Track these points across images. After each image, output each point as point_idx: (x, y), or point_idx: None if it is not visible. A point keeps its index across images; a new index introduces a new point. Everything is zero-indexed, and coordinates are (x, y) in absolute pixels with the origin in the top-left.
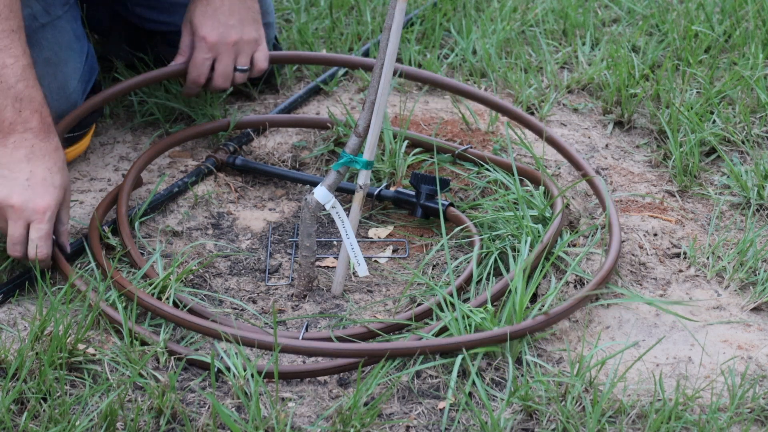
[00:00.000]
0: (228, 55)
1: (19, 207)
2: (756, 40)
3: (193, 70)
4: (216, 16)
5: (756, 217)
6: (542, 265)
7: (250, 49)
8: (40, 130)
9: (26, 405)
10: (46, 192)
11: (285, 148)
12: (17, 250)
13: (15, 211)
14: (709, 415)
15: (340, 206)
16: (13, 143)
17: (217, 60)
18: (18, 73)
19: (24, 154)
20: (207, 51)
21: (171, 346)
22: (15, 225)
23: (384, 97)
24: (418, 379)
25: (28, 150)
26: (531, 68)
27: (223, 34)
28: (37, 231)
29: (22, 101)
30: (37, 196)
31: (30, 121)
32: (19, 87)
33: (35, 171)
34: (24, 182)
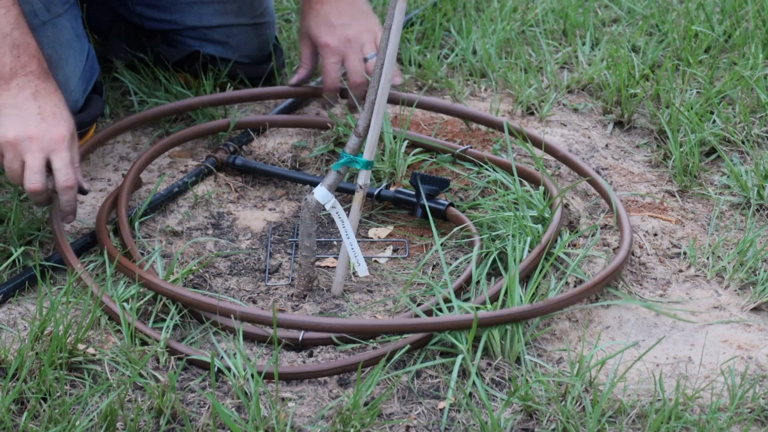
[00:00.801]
0: (351, 51)
1: (36, 137)
2: (756, 40)
3: (327, 78)
4: (328, 21)
5: (756, 217)
6: (542, 265)
7: (369, 38)
8: (41, 73)
9: (26, 405)
10: (59, 123)
11: (285, 148)
12: (37, 180)
13: (33, 142)
14: (709, 415)
15: (340, 206)
16: (16, 86)
17: (345, 59)
18: (12, 21)
19: (30, 93)
20: (333, 55)
21: (171, 346)
22: (34, 156)
23: (384, 97)
24: (418, 379)
25: (33, 90)
26: (531, 68)
27: (339, 35)
28: (60, 159)
29: (19, 47)
30: (52, 126)
31: (29, 65)
32: (15, 34)
33: (44, 106)
34: (36, 116)
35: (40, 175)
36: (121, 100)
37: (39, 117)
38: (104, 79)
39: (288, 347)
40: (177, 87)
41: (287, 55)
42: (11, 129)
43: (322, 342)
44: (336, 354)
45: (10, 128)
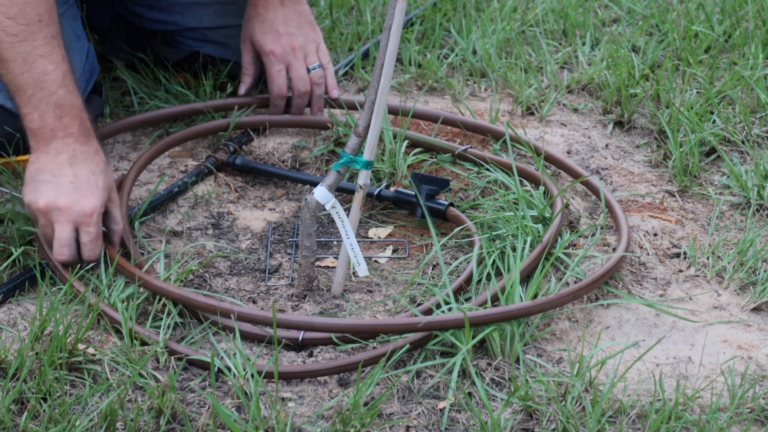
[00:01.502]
0: (296, 60)
1: (66, 209)
2: (756, 40)
3: (274, 86)
4: (274, 28)
5: (756, 217)
6: (542, 265)
7: (313, 48)
8: (81, 135)
9: (26, 405)
10: (91, 194)
11: (285, 148)
12: (65, 253)
13: (62, 214)
14: (709, 415)
15: (340, 206)
16: (54, 149)
17: (289, 68)
18: (59, 79)
19: (66, 159)
20: (278, 63)
21: (171, 346)
22: (63, 227)
23: (384, 97)
24: (418, 379)
25: (70, 154)
26: (531, 68)
27: (285, 43)
28: (87, 234)
29: (63, 107)
30: (83, 197)
31: (71, 126)
32: (60, 93)
33: (79, 174)
34: (69, 185)
35: (68, 248)
36: (121, 100)
37: (72, 186)
38: (104, 79)
39: (288, 347)
40: (177, 87)
41: None
42: (43, 197)
43: (322, 342)
44: (336, 354)
45: (42, 196)
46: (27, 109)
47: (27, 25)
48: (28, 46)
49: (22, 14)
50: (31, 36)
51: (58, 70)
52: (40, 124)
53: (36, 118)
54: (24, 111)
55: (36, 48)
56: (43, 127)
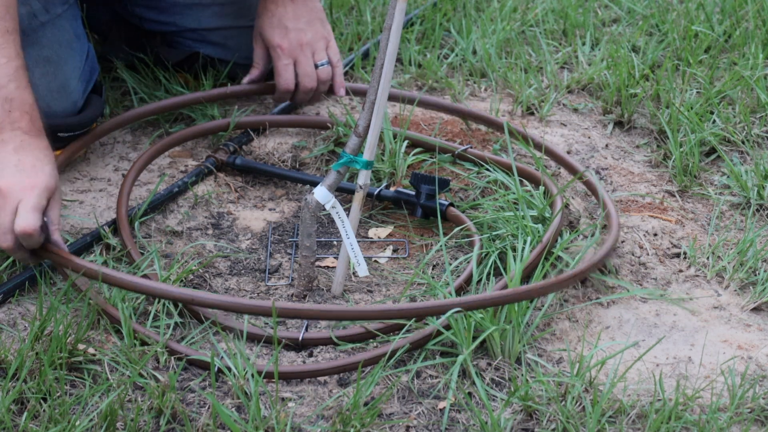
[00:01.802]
0: (304, 55)
1: (6, 190)
2: (756, 40)
3: (281, 80)
4: (282, 23)
5: (756, 217)
6: (542, 264)
7: (322, 45)
8: (30, 130)
9: (26, 405)
10: (35, 174)
11: (285, 148)
12: (8, 240)
13: (2, 195)
14: (709, 415)
15: (340, 206)
16: (1, 140)
17: (296, 63)
18: (10, 73)
19: (12, 147)
20: (285, 57)
21: (171, 346)
22: (3, 211)
23: (384, 97)
24: (418, 379)
25: (17, 144)
26: (531, 68)
27: (293, 38)
28: (23, 205)
29: (12, 101)
30: (26, 177)
31: (20, 121)
32: (10, 87)
33: (24, 159)
34: (12, 168)
35: (10, 234)
36: (121, 100)
37: (15, 168)
38: (104, 79)
39: (288, 347)
40: (177, 87)
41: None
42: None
43: (322, 342)
44: (336, 354)
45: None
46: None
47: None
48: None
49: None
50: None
51: (10, 64)
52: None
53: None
54: None
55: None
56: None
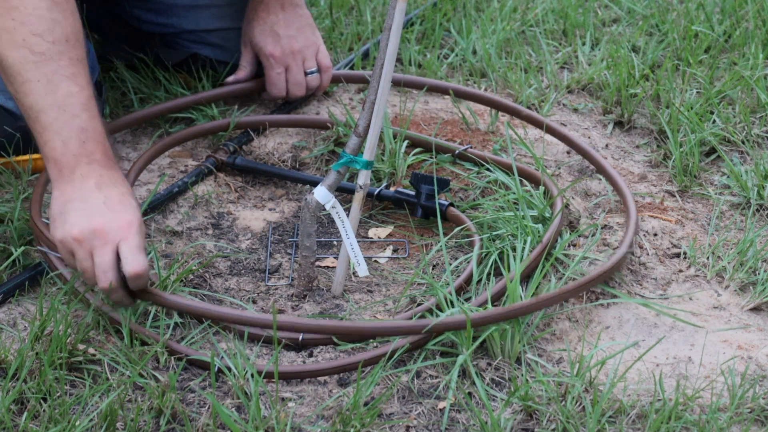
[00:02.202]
0: (295, 63)
1: (102, 229)
2: (756, 40)
3: (273, 88)
4: (274, 31)
5: (756, 217)
6: (542, 265)
7: (312, 51)
8: (105, 162)
9: (26, 405)
10: (126, 210)
11: (285, 148)
12: (108, 278)
13: (99, 235)
14: (709, 415)
15: (340, 206)
16: (80, 176)
17: (287, 71)
18: (83, 102)
19: (94, 183)
20: (278, 66)
21: (171, 346)
22: (103, 251)
23: (384, 97)
24: (418, 379)
25: (97, 179)
26: (531, 68)
27: (285, 46)
28: (126, 246)
29: (86, 132)
30: (118, 214)
31: (95, 152)
32: (83, 117)
33: (109, 195)
34: (101, 206)
35: (112, 271)
36: (121, 100)
37: (104, 206)
38: (104, 79)
39: (288, 347)
40: (177, 87)
41: None
42: (76, 225)
43: (322, 342)
44: (336, 354)
45: (74, 224)
46: (48, 134)
47: (53, 43)
48: (53, 66)
49: (50, 32)
50: (57, 55)
51: (83, 93)
52: (63, 151)
53: (58, 144)
54: (44, 137)
55: (62, 68)
56: (66, 154)
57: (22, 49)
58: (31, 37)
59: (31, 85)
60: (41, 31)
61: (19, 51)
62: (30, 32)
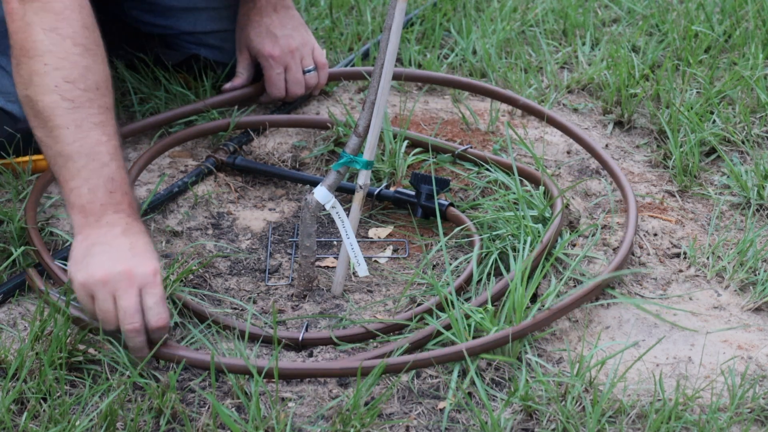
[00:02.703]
0: (294, 62)
1: (128, 272)
2: (756, 40)
3: (273, 89)
4: (271, 32)
5: (756, 217)
6: (542, 265)
7: (308, 50)
8: (131, 212)
9: (26, 405)
10: (151, 257)
11: (285, 148)
12: (136, 321)
13: (125, 278)
14: (709, 415)
15: (340, 206)
16: (107, 223)
17: (287, 70)
18: (111, 152)
19: (120, 230)
20: (277, 66)
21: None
22: (128, 293)
23: (384, 97)
24: (418, 379)
25: (124, 227)
26: (531, 68)
27: (283, 45)
28: (152, 296)
29: (114, 182)
30: (144, 260)
31: (122, 203)
32: (112, 166)
33: (135, 242)
34: (127, 251)
35: (139, 314)
36: (121, 100)
37: (130, 252)
38: None
39: (288, 347)
40: (177, 87)
41: None
42: (100, 267)
43: (322, 342)
44: (336, 354)
45: (99, 266)
46: (76, 182)
47: (85, 90)
48: (83, 113)
49: (82, 79)
50: (87, 103)
51: (110, 142)
52: (90, 199)
53: (85, 192)
54: (71, 184)
55: (91, 116)
56: (93, 202)
57: (53, 95)
58: (63, 84)
59: (61, 131)
60: (74, 77)
61: (50, 96)
62: (62, 78)
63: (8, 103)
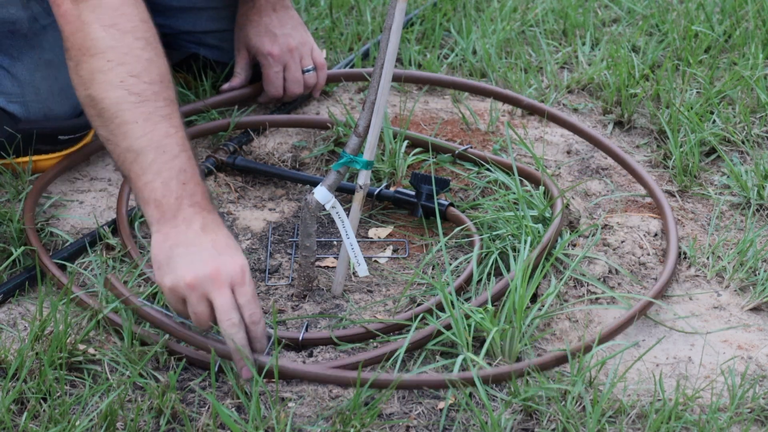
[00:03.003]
0: (293, 61)
1: (216, 273)
2: (756, 40)
3: (271, 87)
4: (270, 30)
5: (756, 217)
6: (542, 265)
7: (307, 50)
8: (206, 204)
9: (26, 405)
10: (235, 253)
11: (285, 148)
12: (235, 317)
13: (214, 279)
14: (709, 415)
15: (340, 206)
16: (183, 220)
17: (285, 69)
18: (180, 142)
19: (199, 227)
20: (276, 65)
21: (171, 346)
22: (220, 292)
23: (384, 97)
24: None
25: (201, 222)
26: (531, 68)
27: (282, 44)
28: (244, 294)
29: (186, 173)
30: (229, 257)
31: (195, 194)
32: (182, 157)
33: (216, 239)
34: (210, 249)
35: (235, 311)
36: None
37: (214, 249)
38: None
39: (288, 347)
40: (176, 87)
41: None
42: (188, 270)
43: (322, 342)
44: (336, 354)
45: (187, 270)
46: (148, 176)
47: (150, 83)
48: (150, 107)
49: (147, 72)
50: (153, 96)
51: (179, 133)
52: (164, 192)
53: (158, 186)
54: (143, 180)
55: (158, 109)
56: (168, 195)
57: (120, 90)
58: (129, 78)
59: (129, 126)
60: (138, 71)
61: (116, 92)
62: (127, 73)
63: (9, 103)
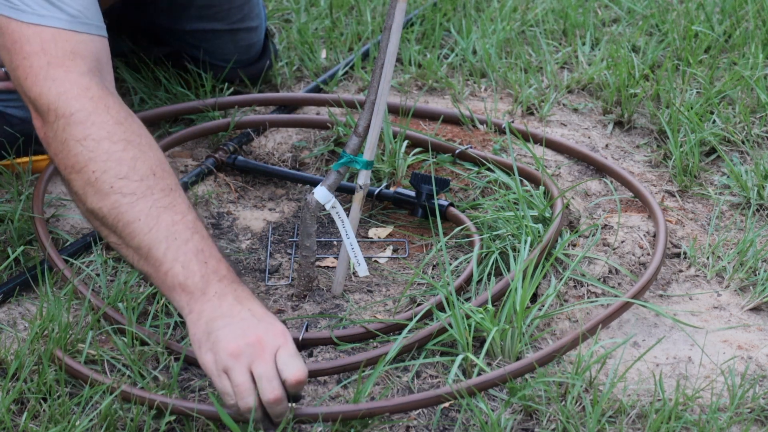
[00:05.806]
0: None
1: (259, 340)
2: (756, 40)
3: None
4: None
5: (756, 217)
6: (542, 265)
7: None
8: (234, 277)
9: (26, 405)
10: (274, 320)
11: (285, 148)
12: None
13: (257, 346)
14: (709, 415)
15: (340, 206)
16: (215, 294)
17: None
18: (190, 226)
19: (233, 298)
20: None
21: (171, 346)
22: (262, 360)
23: (384, 97)
24: (418, 379)
25: (233, 295)
26: (531, 68)
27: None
28: (287, 352)
29: (203, 252)
30: (269, 323)
31: (219, 269)
32: (195, 239)
33: (252, 308)
34: (249, 317)
35: (277, 381)
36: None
37: (253, 318)
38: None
39: None
40: (177, 87)
41: (287, 55)
42: (231, 341)
43: (322, 342)
44: (336, 354)
45: (229, 341)
46: (166, 265)
47: (141, 180)
48: (148, 202)
49: (134, 171)
50: (148, 191)
51: (185, 219)
52: (186, 274)
53: (179, 270)
54: (162, 270)
55: (156, 201)
56: (191, 276)
57: (113, 196)
58: (118, 182)
59: (133, 226)
60: (125, 172)
61: (109, 199)
62: (115, 177)
63: (8, 107)
